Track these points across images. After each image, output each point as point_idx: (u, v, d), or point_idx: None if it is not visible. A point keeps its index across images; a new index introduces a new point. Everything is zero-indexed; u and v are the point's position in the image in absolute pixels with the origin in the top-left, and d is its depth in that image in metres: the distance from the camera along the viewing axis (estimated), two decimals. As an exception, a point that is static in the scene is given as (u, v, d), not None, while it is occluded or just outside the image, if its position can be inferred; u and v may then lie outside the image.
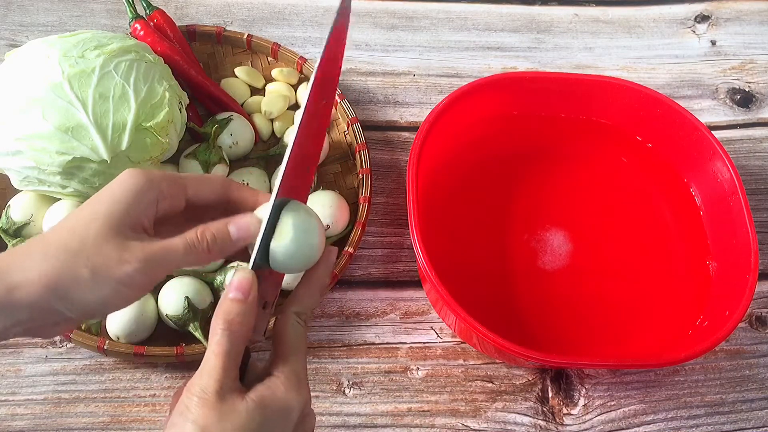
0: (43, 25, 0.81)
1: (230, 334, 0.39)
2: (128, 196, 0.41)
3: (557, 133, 0.76)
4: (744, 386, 0.67)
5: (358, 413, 0.62)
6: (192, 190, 0.44)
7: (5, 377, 0.61)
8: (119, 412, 0.60)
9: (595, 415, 0.64)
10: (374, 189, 0.72)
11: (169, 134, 0.63)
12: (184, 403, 0.38)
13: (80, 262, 0.39)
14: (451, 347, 0.66)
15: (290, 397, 0.40)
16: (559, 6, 0.90)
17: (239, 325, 0.40)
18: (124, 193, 0.41)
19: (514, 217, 0.72)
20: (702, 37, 0.89)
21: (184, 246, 0.41)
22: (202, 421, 0.37)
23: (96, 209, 0.41)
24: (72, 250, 0.39)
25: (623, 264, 0.70)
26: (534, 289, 0.68)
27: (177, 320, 0.61)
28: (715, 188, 0.70)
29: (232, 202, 0.45)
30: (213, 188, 0.45)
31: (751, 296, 0.61)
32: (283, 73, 0.76)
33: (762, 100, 0.85)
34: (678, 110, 0.71)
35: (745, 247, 0.64)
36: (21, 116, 0.58)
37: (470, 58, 0.85)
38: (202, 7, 0.84)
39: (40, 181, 0.59)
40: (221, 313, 0.40)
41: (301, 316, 0.43)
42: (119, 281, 0.39)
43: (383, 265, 0.70)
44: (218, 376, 0.38)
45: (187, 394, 0.38)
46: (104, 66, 0.60)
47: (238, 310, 0.40)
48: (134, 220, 0.41)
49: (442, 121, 0.68)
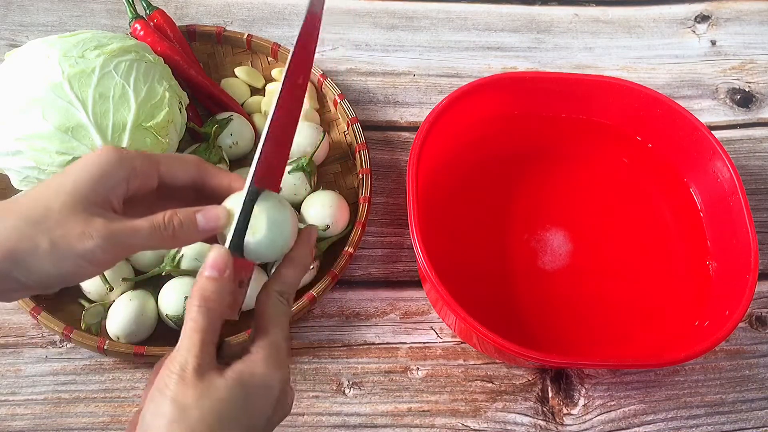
0: (43, 25, 0.81)
1: (206, 311, 0.39)
2: (97, 171, 0.41)
3: (557, 133, 0.76)
4: (744, 386, 0.67)
5: (358, 413, 0.62)
6: (165, 168, 0.43)
7: (5, 377, 0.61)
8: (119, 412, 0.60)
9: (595, 415, 0.64)
10: (374, 189, 0.72)
11: (169, 134, 0.63)
12: (163, 380, 0.38)
13: (41, 232, 0.39)
14: (451, 347, 0.66)
15: (270, 373, 0.40)
16: (559, 6, 0.90)
17: (215, 302, 0.40)
18: (94, 167, 0.41)
19: (514, 217, 0.72)
20: (702, 37, 0.89)
21: (149, 228, 0.41)
22: (181, 398, 0.37)
23: (63, 182, 0.40)
24: (33, 219, 0.39)
25: (623, 264, 0.70)
26: (534, 289, 0.68)
27: (177, 320, 0.61)
28: (715, 188, 0.70)
29: (207, 185, 0.45)
30: (186, 168, 0.44)
31: (751, 296, 0.61)
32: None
33: (762, 100, 0.85)
34: (678, 110, 0.71)
35: (745, 247, 0.64)
36: (21, 116, 0.58)
37: (470, 58, 0.85)
38: (202, 7, 0.84)
39: (40, 181, 0.59)
40: (197, 290, 0.40)
41: (284, 295, 0.43)
42: (80, 255, 0.39)
43: (383, 265, 0.70)
44: (196, 352, 0.38)
45: (165, 371, 0.38)
46: (104, 66, 0.60)
47: (214, 288, 0.40)
48: (101, 196, 0.41)
49: (442, 121, 0.68)
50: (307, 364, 0.64)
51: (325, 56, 0.82)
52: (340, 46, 0.83)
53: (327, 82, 0.75)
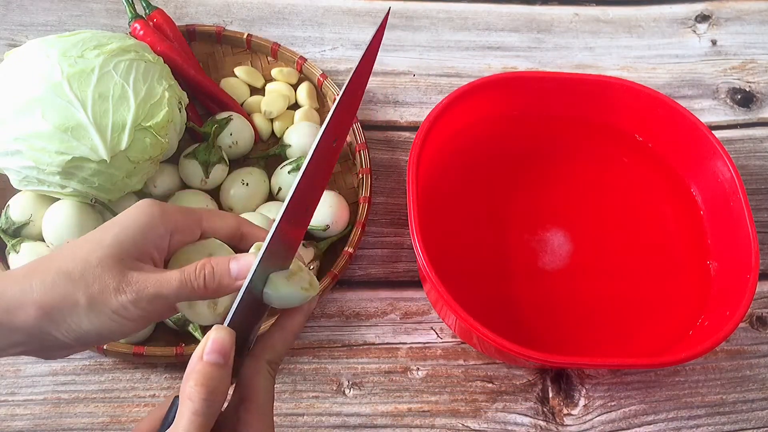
0: (43, 24, 0.81)
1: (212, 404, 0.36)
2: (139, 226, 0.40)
3: (557, 133, 0.76)
4: (744, 386, 0.67)
5: (358, 413, 0.62)
6: (206, 224, 0.43)
7: (5, 377, 0.61)
8: (119, 412, 0.60)
9: (595, 415, 0.64)
10: (374, 189, 0.72)
11: (168, 134, 0.63)
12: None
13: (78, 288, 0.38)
14: (451, 347, 0.66)
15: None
16: (560, 5, 0.90)
17: (222, 394, 0.37)
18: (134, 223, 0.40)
19: (514, 217, 0.72)
20: (702, 37, 0.89)
21: (179, 278, 0.40)
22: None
23: (102, 237, 0.40)
24: (72, 276, 0.38)
25: (623, 264, 0.70)
26: (534, 289, 0.68)
27: (176, 320, 0.61)
28: (716, 188, 0.70)
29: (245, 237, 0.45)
30: (227, 223, 0.44)
31: (751, 296, 0.61)
32: (283, 73, 0.76)
33: (762, 100, 0.85)
34: (678, 110, 0.71)
35: (746, 247, 0.64)
36: (20, 116, 0.58)
37: (470, 58, 0.84)
38: (201, 6, 0.84)
39: (39, 181, 0.59)
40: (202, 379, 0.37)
41: (272, 365, 0.41)
42: (114, 310, 0.39)
43: (383, 265, 0.70)
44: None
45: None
46: (104, 66, 0.60)
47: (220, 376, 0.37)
48: (141, 250, 0.40)
49: (442, 121, 0.68)
50: (307, 364, 0.64)
51: (325, 56, 0.82)
52: (340, 46, 0.83)
53: (327, 81, 0.75)
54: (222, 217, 0.44)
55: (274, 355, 0.41)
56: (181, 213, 0.42)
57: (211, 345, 0.37)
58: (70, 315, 0.38)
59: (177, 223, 0.41)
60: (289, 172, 0.68)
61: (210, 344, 0.37)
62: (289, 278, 0.42)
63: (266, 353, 0.41)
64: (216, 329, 0.38)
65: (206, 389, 0.36)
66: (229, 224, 0.44)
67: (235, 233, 0.44)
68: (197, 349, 0.38)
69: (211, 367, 0.37)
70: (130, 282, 0.39)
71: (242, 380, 0.40)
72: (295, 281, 0.42)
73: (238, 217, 0.45)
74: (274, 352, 0.41)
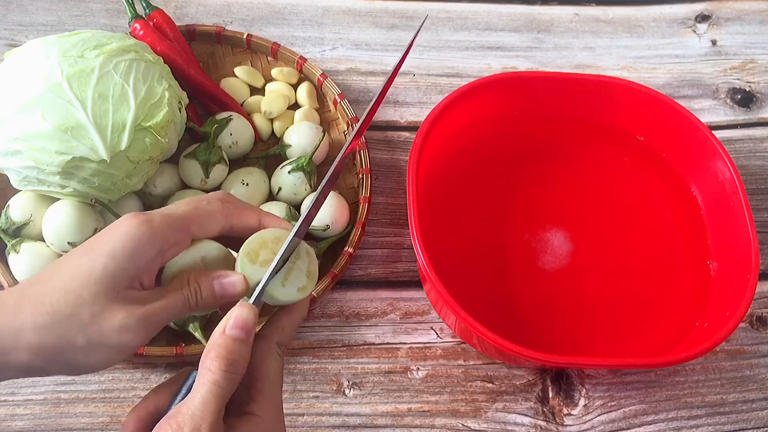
0: (43, 24, 0.81)
1: (232, 376, 0.38)
2: (128, 252, 0.39)
3: (557, 133, 0.76)
4: (745, 386, 0.67)
5: (358, 413, 0.62)
6: (196, 229, 0.43)
7: (4, 377, 0.61)
8: (119, 412, 0.60)
9: (595, 415, 0.64)
10: (374, 189, 0.72)
11: (168, 134, 0.63)
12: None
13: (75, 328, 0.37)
14: (451, 347, 0.66)
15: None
16: (560, 5, 0.90)
17: (242, 367, 0.38)
18: (122, 251, 0.39)
19: (514, 217, 0.72)
20: (702, 37, 0.89)
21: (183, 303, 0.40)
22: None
23: (92, 266, 0.38)
24: (65, 314, 0.37)
25: (623, 264, 0.70)
26: (534, 289, 0.68)
27: (176, 320, 0.61)
28: (716, 188, 0.70)
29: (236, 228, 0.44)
30: (216, 220, 0.43)
31: (751, 296, 0.61)
32: (283, 73, 0.76)
33: (762, 100, 0.85)
34: (678, 110, 0.71)
35: (746, 247, 0.64)
36: (20, 116, 0.58)
37: (470, 58, 0.84)
38: (201, 6, 0.84)
39: (39, 180, 0.59)
40: (223, 352, 0.38)
41: (281, 347, 0.42)
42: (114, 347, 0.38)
43: (383, 265, 0.70)
44: (212, 420, 0.37)
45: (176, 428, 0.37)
46: (104, 66, 0.60)
47: (241, 351, 0.38)
48: (132, 277, 0.39)
49: (442, 121, 0.68)
50: (307, 364, 0.64)
51: (325, 56, 0.82)
52: (340, 46, 0.83)
53: (327, 81, 0.75)
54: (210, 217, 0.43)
55: (283, 336, 0.42)
56: (170, 228, 0.41)
57: (234, 321, 0.39)
58: (67, 352, 0.38)
59: (167, 241, 0.40)
60: (289, 172, 0.68)
61: (233, 320, 0.39)
62: (284, 282, 0.42)
63: (275, 335, 0.42)
64: (240, 305, 0.39)
65: (227, 361, 0.38)
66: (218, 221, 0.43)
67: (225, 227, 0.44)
68: (220, 324, 0.39)
69: (233, 341, 0.38)
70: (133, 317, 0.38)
71: (253, 361, 0.41)
72: (291, 282, 0.42)
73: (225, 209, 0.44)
74: (283, 334, 0.42)
